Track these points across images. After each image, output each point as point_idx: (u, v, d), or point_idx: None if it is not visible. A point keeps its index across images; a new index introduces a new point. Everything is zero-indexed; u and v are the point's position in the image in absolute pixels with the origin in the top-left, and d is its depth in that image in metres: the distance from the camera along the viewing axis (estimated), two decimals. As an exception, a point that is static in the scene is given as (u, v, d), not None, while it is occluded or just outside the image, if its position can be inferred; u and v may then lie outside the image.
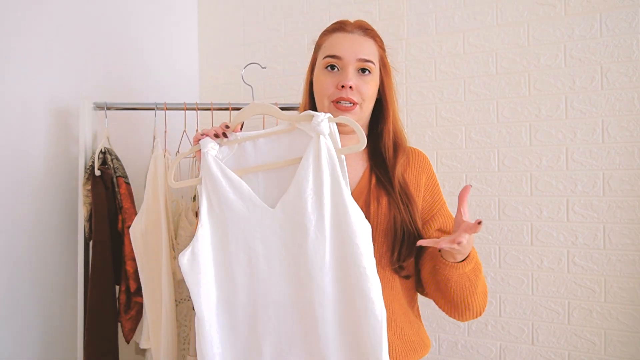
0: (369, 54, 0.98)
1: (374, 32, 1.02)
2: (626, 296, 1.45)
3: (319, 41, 1.05)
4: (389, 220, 0.95)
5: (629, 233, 1.45)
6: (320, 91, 0.99)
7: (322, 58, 1.00)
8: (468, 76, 1.65)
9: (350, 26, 1.01)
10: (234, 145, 0.95)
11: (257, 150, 0.93)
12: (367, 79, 0.98)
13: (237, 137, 0.94)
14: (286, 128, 0.92)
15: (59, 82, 1.46)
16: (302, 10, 1.93)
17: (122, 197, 1.44)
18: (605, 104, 1.47)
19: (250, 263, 0.88)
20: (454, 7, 1.67)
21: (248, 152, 0.94)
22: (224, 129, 0.93)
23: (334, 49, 0.98)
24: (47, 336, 1.41)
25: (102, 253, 1.39)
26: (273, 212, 0.88)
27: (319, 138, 0.86)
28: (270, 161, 0.92)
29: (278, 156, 0.92)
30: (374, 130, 1.05)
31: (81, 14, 1.54)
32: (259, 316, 0.88)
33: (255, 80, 2.02)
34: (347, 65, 0.96)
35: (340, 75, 0.97)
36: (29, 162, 1.37)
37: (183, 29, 2.09)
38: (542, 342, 1.55)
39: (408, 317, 1.01)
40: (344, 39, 0.99)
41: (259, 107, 0.94)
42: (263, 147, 0.93)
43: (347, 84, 0.95)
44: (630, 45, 1.44)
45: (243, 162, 0.94)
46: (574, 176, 1.51)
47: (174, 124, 1.54)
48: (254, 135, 0.94)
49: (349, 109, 0.96)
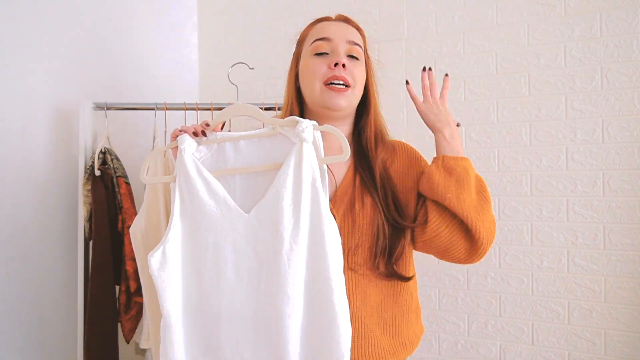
0: (356, 37, 0.99)
1: (355, 23, 1.03)
2: (626, 296, 1.45)
3: (302, 34, 1.05)
4: (372, 219, 0.94)
5: (629, 233, 1.45)
6: (310, 75, 0.97)
7: (310, 44, 0.99)
8: (468, 76, 1.65)
9: (334, 18, 1.03)
10: (213, 145, 0.91)
11: (237, 152, 0.90)
12: (356, 63, 0.98)
13: (217, 136, 0.91)
14: (269, 132, 0.89)
15: (59, 82, 1.46)
16: (302, 10, 1.93)
17: (122, 197, 1.43)
18: (605, 104, 1.47)
19: (218, 270, 0.85)
20: (454, 7, 1.67)
21: (227, 154, 0.90)
22: (204, 127, 0.90)
23: (322, 32, 0.98)
24: (47, 336, 1.41)
25: (102, 253, 1.39)
26: (247, 218, 0.85)
27: (302, 145, 0.83)
28: (250, 164, 0.89)
29: (258, 160, 0.89)
30: (357, 125, 1.05)
31: (81, 14, 1.54)
32: (222, 326, 0.85)
33: (255, 79, 2.03)
34: (337, 46, 0.96)
35: (331, 56, 0.96)
36: (29, 162, 1.37)
37: (183, 29, 2.09)
38: (542, 342, 1.55)
39: (396, 313, 0.99)
40: (330, 25, 1.00)
41: (242, 108, 0.92)
42: (244, 150, 0.90)
43: (341, 61, 0.94)
44: (630, 45, 1.44)
45: (221, 163, 0.90)
46: (574, 176, 1.51)
47: (174, 124, 1.53)
48: (235, 136, 0.90)
49: (342, 91, 0.95)
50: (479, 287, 1.63)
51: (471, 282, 1.64)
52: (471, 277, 1.64)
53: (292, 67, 1.06)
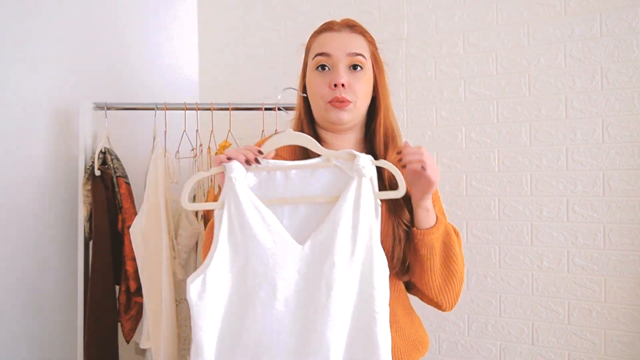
0: (358, 47, 0.98)
1: (362, 29, 1.02)
2: (626, 296, 1.45)
3: (308, 44, 1.05)
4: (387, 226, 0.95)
5: (629, 233, 1.45)
6: (313, 93, 0.98)
7: (312, 58, 0.99)
8: (468, 76, 1.65)
9: (338, 25, 1.01)
10: (262, 172, 0.88)
11: (288, 181, 0.87)
12: (359, 75, 0.97)
13: (269, 164, 0.88)
14: (323, 163, 0.87)
15: (59, 82, 1.46)
16: (302, 10, 1.93)
17: (122, 197, 1.44)
18: (605, 104, 1.47)
19: (268, 301, 0.83)
20: (454, 7, 1.67)
21: (277, 182, 0.88)
22: (256, 154, 0.88)
23: (323, 47, 0.98)
24: (47, 336, 1.41)
25: (102, 253, 1.39)
26: (301, 250, 0.83)
27: (361, 180, 0.83)
28: (301, 195, 0.87)
29: (310, 191, 0.87)
30: (369, 129, 1.05)
31: (81, 14, 1.54)
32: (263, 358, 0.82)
33: (255, 79, 2.03)
34: (337, 62, 0.96)
35: (331, 74, 0.96)
36: (29, 162, 1.37)
37: (183, 29, 2.09)
38: (542, 342, 1.55)
39: (409, 317, 1.02)
40: (332, 37, 0.99)
41: (295, 137, 0.89)
42: (294, 179, 0.87)
43: (339, 82, 0.94)
44: (630, 45, 1.44)
45: (270, 192, 0.87)
46: (574, 176, 1.51)
47: (174, 124, 1.54)
48: (287, 165, 0.88)
49: (344, 106, 0.95)
50: (479, 287, 1.63)
51: (471, 282, 1.64)
52: (471, 277, 1.64)
53: (301, 76, 1.07)
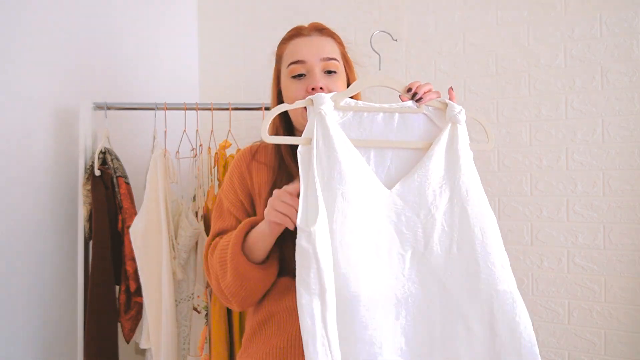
0: (330, 52, 0.99)
1: (330, 31, 1.03)
2: (626, 296, 1.45)
3: (278, 51, 1.05)
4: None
5: (629, 233, 1.45)
6: (291, 99, 0.98)
7: (286, 67, 1.00)
8: (468, 76, 1.65)
9: (306, 30, 1.02)
10: (348, 112, 0.84)
11: (374, 125, 0.84)
12: (334, 78, 0.98)
13: (358, 104, 0.84)
14: (412, 109, 0.85)
15: (59, 82, 1.46)
16: (301, 10, 1.92)
17: (122, 197, 1.44)
18: (605, 104, 1.47)
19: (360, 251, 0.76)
20: (454, 7, 1.67)
21: (364, 124, 0.83)
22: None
23: (296, 54, 0.98)
24: (47, 336, 1.41)
25: (102, 253, 1.39)
26: (390, 195, 0.79)
27: (456, 127, 0.82)
28: (387, 139, 0.83)
29: (397, 136, 0.83)
30: None
31: (81, 14, 1.54)
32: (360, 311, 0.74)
33: (255, 79, 2.02)
34: (312, 67, 0.97)
35: (307, 79, 0.97)
36: (29, 162, 1.37)
37: (183, 29, 2.09)
38: (542, 342, 1.55)
39: None
40: (303, 43, 1.00)
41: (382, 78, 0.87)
42: (381, 123, 0.84)
43: (317, 86, 0.95)
44: (630, 45, 1.44)
45: (356, 133, 0.83)
46: (574, 176, 1.51)
47: (174, 124, 1.54)
48: (375, 107, 0.84)
49: None
50: (479, 287, 1.63)
51: (471, 282, 1.64)
52: (471, 277, 1.64)
53: (273, 84, 1.06)
